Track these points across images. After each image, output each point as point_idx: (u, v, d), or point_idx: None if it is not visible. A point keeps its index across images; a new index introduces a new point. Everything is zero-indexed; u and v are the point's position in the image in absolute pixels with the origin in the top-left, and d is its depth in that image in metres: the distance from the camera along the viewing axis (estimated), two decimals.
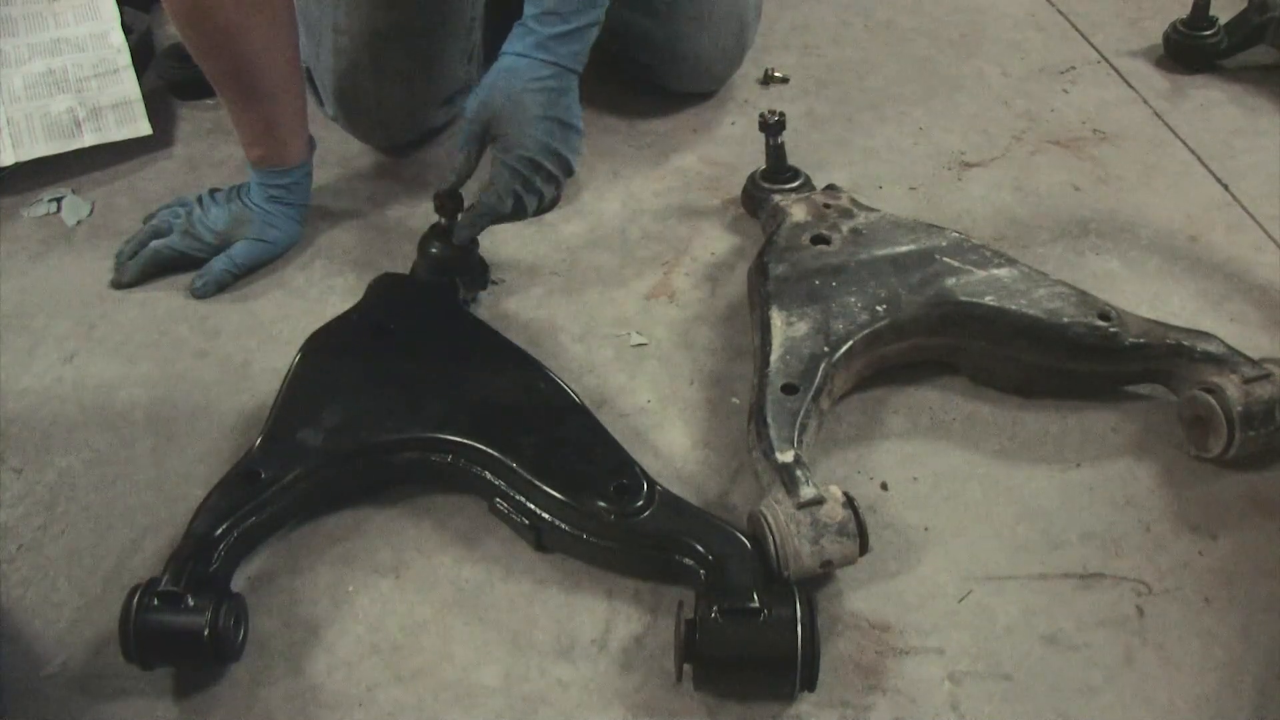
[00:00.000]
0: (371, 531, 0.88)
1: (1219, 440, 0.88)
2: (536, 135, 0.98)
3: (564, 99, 0.99)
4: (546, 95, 0.98)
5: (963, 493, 0.90)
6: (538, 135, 0.98)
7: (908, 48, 1.47)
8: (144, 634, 0.74)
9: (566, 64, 0.99)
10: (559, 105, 0.99)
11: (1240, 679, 0.77)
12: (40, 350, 1.05)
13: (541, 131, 0.98)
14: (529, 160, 0.99)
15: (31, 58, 1.31)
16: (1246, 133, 1.29)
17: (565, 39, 0.98)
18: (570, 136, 1.01)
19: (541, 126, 0.98)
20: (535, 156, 0.99)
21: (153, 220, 1.15)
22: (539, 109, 0.98)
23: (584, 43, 1.00)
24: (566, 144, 1.00)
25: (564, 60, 0.99)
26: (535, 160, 0.99)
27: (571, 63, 1.00)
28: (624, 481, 0.83)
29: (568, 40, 0.99)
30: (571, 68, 1.00)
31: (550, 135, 0.99)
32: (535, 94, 0.98)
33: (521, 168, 0.99)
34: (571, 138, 1.01)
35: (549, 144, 0.99)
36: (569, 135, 1.00)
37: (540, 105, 0.98)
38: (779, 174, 1.15)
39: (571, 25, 0.98)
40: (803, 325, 0.92)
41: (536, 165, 0.99)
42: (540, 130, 0.98)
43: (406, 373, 0.91)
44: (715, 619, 0.73)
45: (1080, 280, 1.01)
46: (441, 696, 0.77)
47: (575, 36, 0.99)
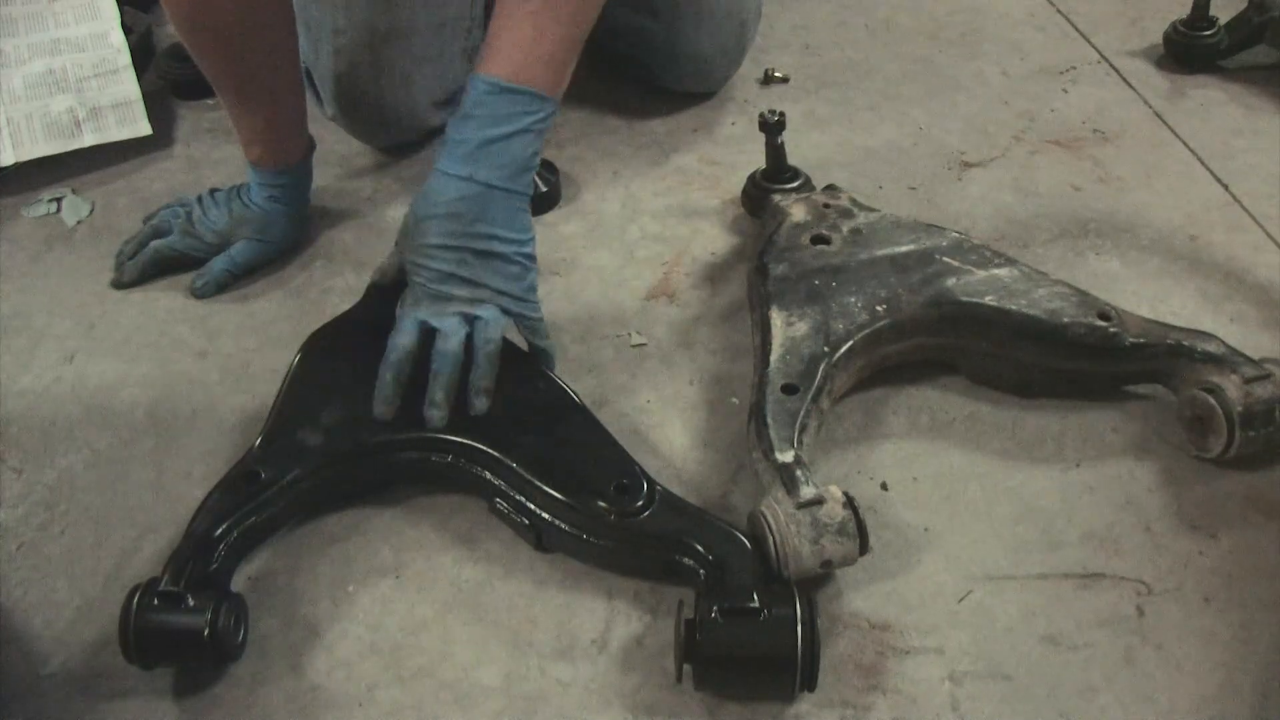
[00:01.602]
0: (371, 531, 0.88)
1: (1219, 440, 0.88)
2: (434, 267, 0.87)
3: (483, 220, 0.86)
4: (454, 221, 0.86)
5: (963, 493, 0.90)
6: (435, 266, 0.87)
7: (908, 48, 1.47)
8: (144, 634, 0.74)
9: (486, 181, 0.86)
10: (473, 229, 0.86)
11: (1240, 679, 0.77)
12: (40, 350, 1.05)
13: (442, 263, 0.87)
14: (429, 292, 0.88)
15: (31, 58, 1.31)
16: (1246, 133, 1.29)
17: (484, 152, 0.86)
18: (489, 266, 0.87)
19: (441, 257, 0.87)
20: (435, 289, 0.87)
21: (153, 220, 1.15)
22: (441, 236, 0.87)
23: (511, 157, 0.87)
24: (482, 275, 0.87)
25: (482, 178, 0.86)
26: (436, 293, 0.87)
27: (495, 180, 0.86)
28: (624, 481, 0.83)
29: (486, 153, 0.86)
30: (495, 185, 0.87)
31: (456, 266, 0.87)
32: (441, 220, 0.86)
33: (420, 298, 0.88)
34: (491, 268, 0.87)
35: (454, 274, 0.87)
36: (487, 265, 0.87)
37: (445, 234, 0.86)
38: (779, 174, 1.15)
39: (489, 133, 0.86)
40: (803, 325, 0.92)
41: (440, 299, 0.87)
42: (440, 261, 0.87)
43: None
44: (715, 619, 0.73)
45: (1080, 280, 1.01)
46: (441, 696, 0.77)
47: (497, 150, 0.86)
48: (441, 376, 0.86)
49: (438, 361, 0.86)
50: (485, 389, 0.87)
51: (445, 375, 0.86)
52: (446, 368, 0.86)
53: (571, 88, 1.02)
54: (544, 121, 0.89)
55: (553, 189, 1.21)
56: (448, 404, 0.86)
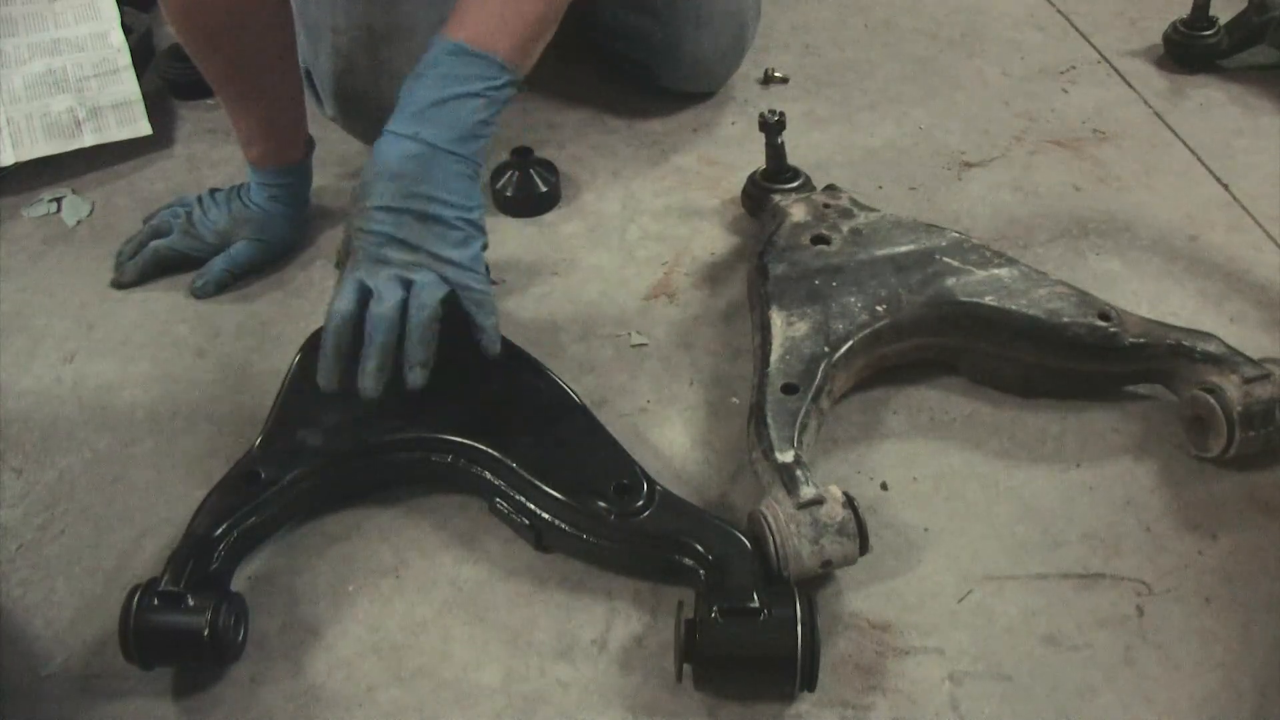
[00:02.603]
0: (371, 531, 0.88)
1: (1219, 440, 0.88)
2: (373, 229, 0.83)
3: (426, 183, 0.83)
4: (398, 182, 0.83)
5: (963, 493, 0.90)
6: (374, 229, 0.83)
7: (908, 48, 1.47)
8: (144, 634, 0.74)
9: (432, 142, 0.83)
10: (416, 191, 0.83)
11: (1240, 679, 0.77)
12: (40, 350, 1.05)
13: (380, 224, 0.83)
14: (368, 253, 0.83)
15: (31, 58, 1.31)
16: (1246, 133, 1.29)
17: (433, 112, 0.84)
18: (430, 230, 0.83)
19: (380, 219, 0.83)
20: (374, 252, 0.83)
21: (153, 220, 1.15)
22: (382, 197, 0.83)
23: (460, 117, 0.84)
24: (421, 238, 0.83)
25: (428, 138, 0.83)
26: (375, 257, 0.83)
27: (442, 141, 0.83)
28: (624, 481, 0.83)
29: (436, 113, 0.84)
30: (442, 147, 0.83)
31: (394, 229, 0.83)
32: (385, 181, 0.83)
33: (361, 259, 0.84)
34: (432, 232, 0.83)
35: (392, 235, 0.83)
36: (427, 229, 0.83)
37: (387, 196, 0.83)
38: (779, 174, 1.15)
39: (442, 94, 0.84)
40: (803, 325, 0.92)
41: (380, 262, 0.83)
42: (378, 223, 0.83)
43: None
44: (715, 619, 0.73)
45: (1080, 280, 1.01)
46: (441, 696, 0.77)
47: (448, 110, 0.84)
48: (375, 343, 0.82)
49: (371, 325, 0.82)
50: (420, 362, 0.83)
51: (379, 342, 0.82)
52: (380, 333, 0.82)
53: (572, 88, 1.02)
54: (500, 90, 0.86)
55: (553, 189, 1.21)
56: (381, 373, 0.82)
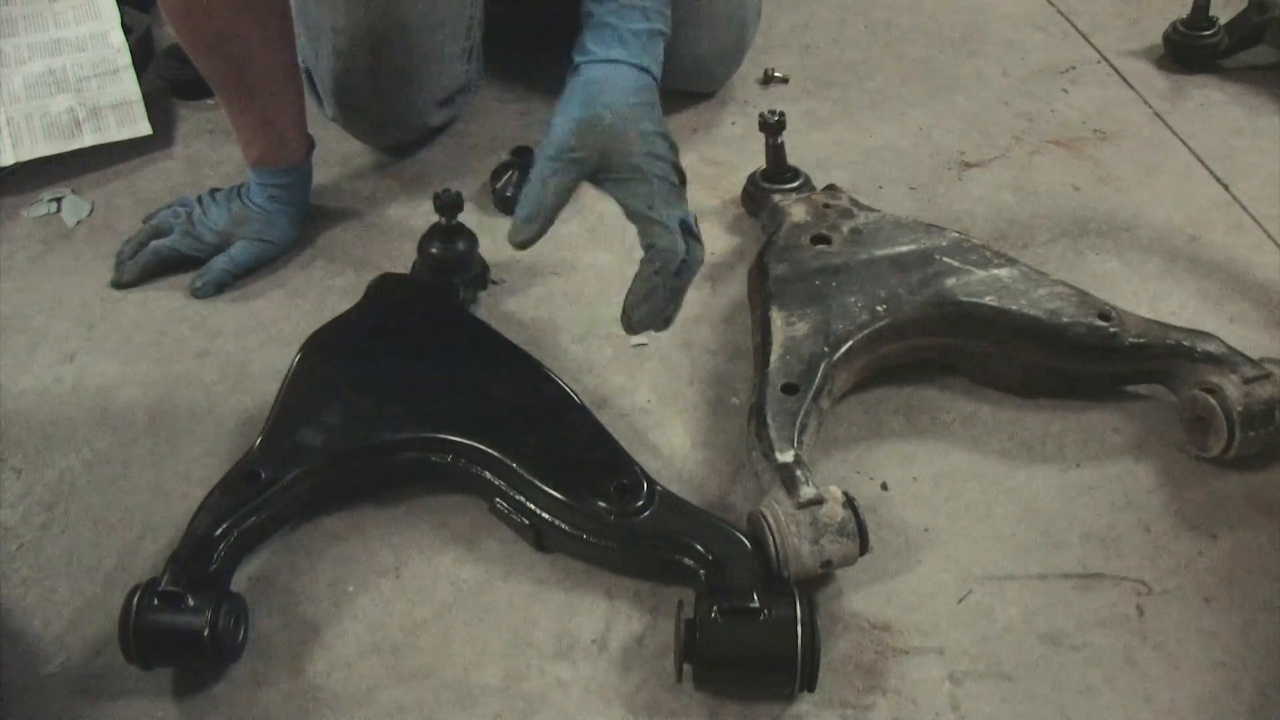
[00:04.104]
0: (371, 531, 0.88)
1: (1219, 440, 0.88)
2: (664, 155, 0.83)
3: (657, 111, 0.86)
4: (651, 111, 0.84)
5: (963, 493, 0.90)
6: (666, 155, 0.83)
7: (908, 48, 1.47)
8: (144, 634, 0.74)
9: (654, 70, 0.86)
10: (660, 119, 0.85)
11: (1240, 679, 0.77)
12: (40, 350, 1.05)
13: (667, 149, 0.84)
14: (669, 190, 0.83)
15: (31, 58, 1.31)
16: (1246, 133, 1.29)
17: (651, 39, 0.86)
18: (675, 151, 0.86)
19: (665, 145, 0.84)
20: (671, 181, 0.83)
21: (153, 220, 1.15)
22: (654, 124, 0.84)
23: (660, 50, 0.87)
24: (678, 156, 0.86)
25: (652, 66, 0.86)
26: (671, 187, 0.83)
27: (656, 69, 0.87)
28: (624, 481, 0.83)
29: (652, 41, 0.86)
30: (656, 76, 0.87)
31: (671, 151, 0.84)
32: (646, 108, 0.84)
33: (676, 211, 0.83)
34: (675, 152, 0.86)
35: (673, 161, 0.84)
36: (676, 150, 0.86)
37: (655, 120, 0.84)
38: (779, 174, 1.15)
39: (651, 25, 0.86)
40: (803, 325, 0.92)
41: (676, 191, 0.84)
42: (665, 148, 0.84)
43: (406, 373, 0.91)
44: (715, 619, 0.73)
45: (1080, 280, 1.01)
46: (441, 696, 0.77)
47: (656, 39, 0.87)
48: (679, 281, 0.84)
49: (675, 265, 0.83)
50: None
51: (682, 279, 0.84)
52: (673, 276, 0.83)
53: None
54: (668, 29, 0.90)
55: None
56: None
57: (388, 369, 0.92)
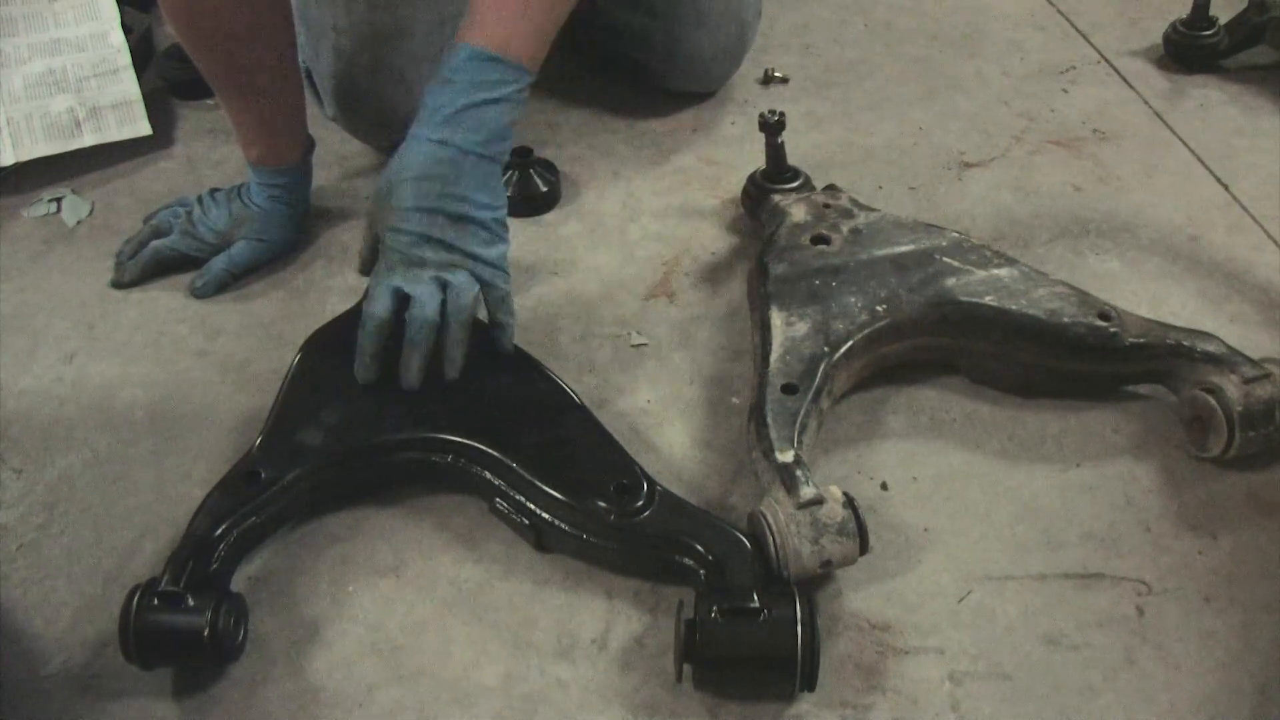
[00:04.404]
0: (371, 531, 0.88)
1: (1219, 440, 0.88)
2: (407, 229, 0.87)
3: (458, 185, 0.87)
4: (427, 184, 0.87)
5: (963, 493, 0.90)
6: (408, 229, 0.87)
7: (908, 48, 1.47)
8: (144, 634, 0.74)
9: (460, 146, 0.87)
10: (444, 195, 0.87)
11: (1240, 679, 0.77)
12: (40, 350, 1.05)
13: (414, 224, 0.87)
14: (400, 255, 0.87)
15: (31, 58, 1.31)
16: (1246, 133, 1.29)
17: (459, 118, 0.87)
18: (465, 230, 0.88)
19: (414, 219, 0.87)
20: (406, 252, 0.87)
21: (153, 220, 1.15)
22: (413, 199, 0.87)
23: (483, 123, 0.87)
24: (461, 239, 0.88)
25: (457, 142, 0.87)
26: (407, 256, 0.87)
27: (468, 145, 0.87)
28: (624, 481, 0.83)
29: (462, 119, 0.87)
30: (469, 150, 0.87)
31: (427, 228, 0.87)
32: (413, 184, 0.87)
33: (393, 263, 0.87)
34: (466, 231, 0.88)
35: (427, 235, 0.87)
36: (462, 229, 0.88)
37: (416, 195, 0.86)
38: (779, 174, 1.15)
39: (468, 99, 0.87)
40: (803, 325, 0.92)
41: (415, 263, 0.87)
42: (412, 223, 0.87)
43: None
44: (715, 619, 0.73)
45: (1080, 280, 1.01)
46: (441, 696, 0.77)
47: (472, 115, 0.87)
48: (419, 345, 0.88)
49: (412, 329, 0.87)
50: (456, 357, 0.89)
51: (422, 343, 0.88)
52: (421, 336, 0.87)
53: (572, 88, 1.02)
54: (523, 92, 0.91)
55: (553, 189, 1.21)
56: (421, 370, 0.89)
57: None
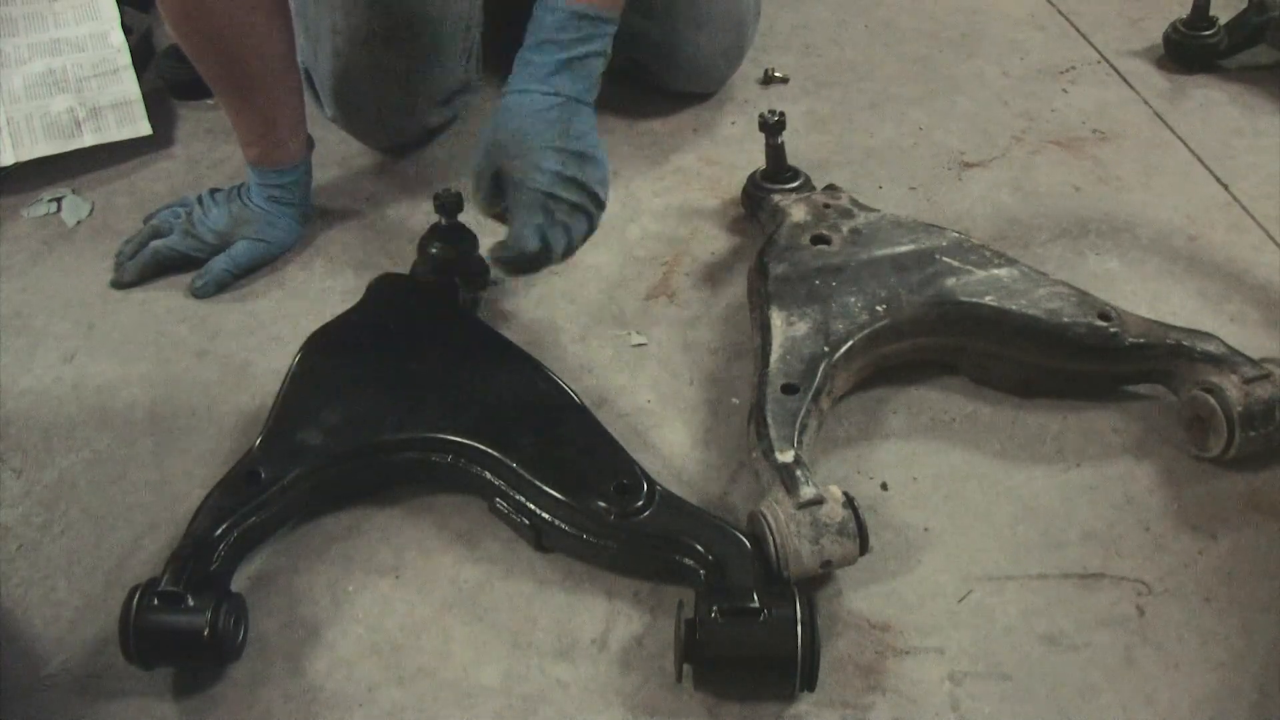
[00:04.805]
0: (371, 531, 0.88)
1: (1219, 440, 0.88)
2: (546, 167, 0.95)
3: (574, 128, 0.96)
4: (552, 127, 0.95)
5: (963, 493, 0.90)
6: (548, 167, 0.95)
7: (908, 48, 1.47)
8: (144, 634, 0.75)
9: (570, 94, 0.96)
10: (568, 135, 0.96)
11: (1240, 679, 0.77)
12: (40, 350, 1.05)
13: (552, 163, 0.95)
14: (542, 195, 0.96)
15: (31, 58, 1.31)
16: (1246, 133, 1.29)
17: (566, 70, 0.96)
18: (587, 167, 0.97)
19: (551, 158, 0.95)
20: (549, 189, 0.96)
21: (153, 220, 1.15)
22: (545, 140, 0.95)
23: (587, 73, 0.97)
24: (583, 174, 0.97)
25: (567, 91, 0.96)
26: (550, 193, 0.96)
27: (576, 93, 0.97)
28: (624, 481, 0.83)
29: (568, 70, 0.96)
30: (576, 98, 0.97)
31: (563, 166, 0.95)
32: (541, 126, 0.95)
33: (536, 204, 0.96)
34: (589, 169, 0.97)
35: (562, 173, 0.95)
36: (585, 166, 0.97)
37: (546, 137, 0.95)
38: (779, 174, 1.15)
39: (570, 54, 0.96)
40: (803, 325, 0.92)
41: (552, 199, 0.96)
42: (551, 162, 0.95)
43: (406, 373, 0.91)
44: (715, 619, 0.73)
45: (1080, 280, 1.01)
46: (441, 696, 0.77)
47: (576, 66, 0.96)
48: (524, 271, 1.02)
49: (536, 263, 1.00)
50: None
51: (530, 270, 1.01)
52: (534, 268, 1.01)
53: None
54: (610, 41, 0.99)
55: None
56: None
57: (388, 369, 0.92)
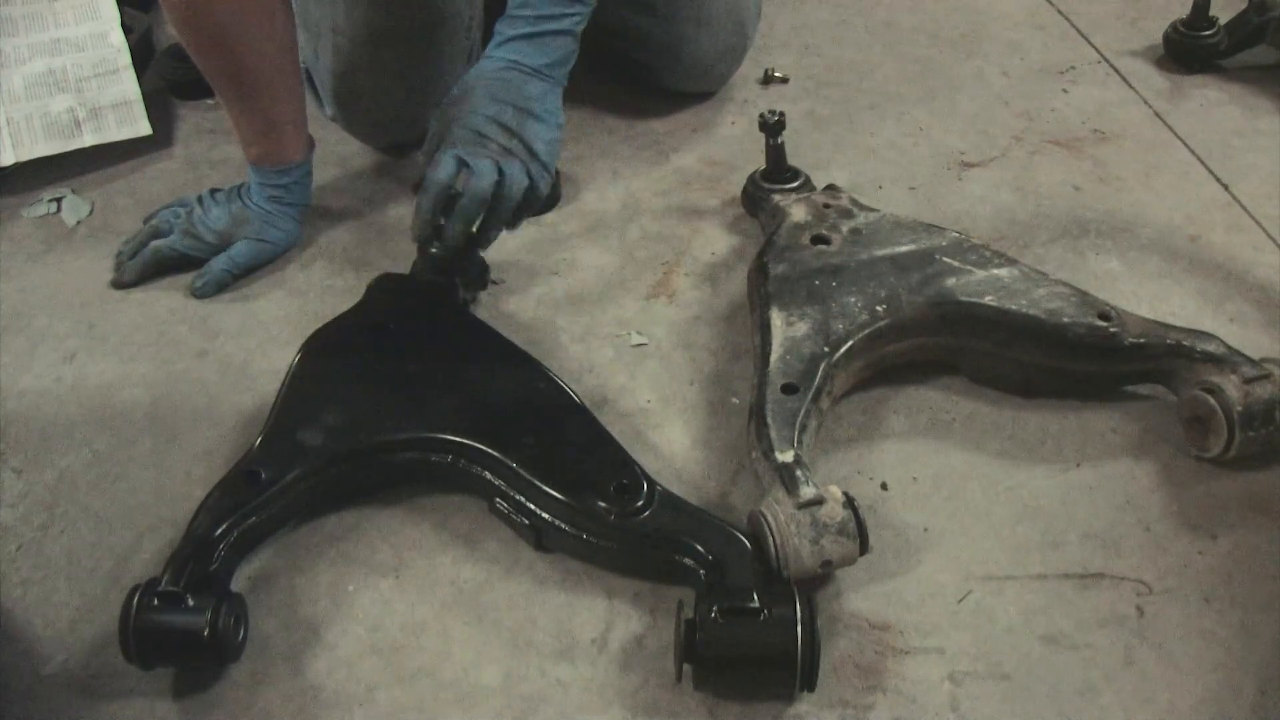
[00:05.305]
0: (371, 531, 0.88)
1: (1219, 440, 0.88)
2: (480, 111, 0.94)
3: (524, 89, 0.96)
4: (500, 84, 0.95)
5: (963, 493, 0.90)
6: (481, 111, 0.94)
7: (908, 48, 1.47)
8: (144, 634, 0.74)
9: (528, 65, 0.96)
10: (516, 92, 0.95)
11: (1240, 679, 0.77)
12: (40, 350, 1.05)
13: (488, 109, 0.94)
14: (470, 131, 0.94)
15: (31, 58, 1.31)
16: (1246, 133, 1.29)
17: (527, 41, 0.96)
18: (527, 121, 0.95)
19: (488, 105, 0.94)
20: (478, 128, 0.94)
21: (153, 220, 1.15)
22: (488, 93, 0.95)
23: (553, 49, 0.97)
24: (520, 125, 0.95)
25: (526, 62, 0.96)
26: (478, 131, 0.94)
27: (535, 65, 0.96)
28: (624, 481, 0.83)
29: (529, 42, 0.96)
30: (534, 69, 0.96)
31: (498, 113, 0.94)
32: (487, 83, 0.95)
33: (462, 138, 0.94)
34: (529, 123, 0.95)
35: (496, 118, 0.94)
36: (525, 120, 0.95)
37: (490, 92, 0.94)
38: (779, 174, 1.15)
39: (535, 29, 0.96)
40: (803, 325, 0.92)
41: (481, 136, 0.94)
42: (487, 108, 0.94)
43: (406, 373, 0.91)
44: (715, 619, 0.73)
45: (1080, 280, 1.01)
46: (441, 696, 0.77)
47: (540, 40, 0.96)
48: (469, 215, 0.93)
49: (466, 198, 0.93)
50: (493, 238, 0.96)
51: (473, 214, 0.93)
52: (473, 206, 0.93)
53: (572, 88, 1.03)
54: (580, 23, 0.99)
55: (553, 189, 1.21)
56: (465, 234, 0.93)
57: (388, 369, 0.92)
